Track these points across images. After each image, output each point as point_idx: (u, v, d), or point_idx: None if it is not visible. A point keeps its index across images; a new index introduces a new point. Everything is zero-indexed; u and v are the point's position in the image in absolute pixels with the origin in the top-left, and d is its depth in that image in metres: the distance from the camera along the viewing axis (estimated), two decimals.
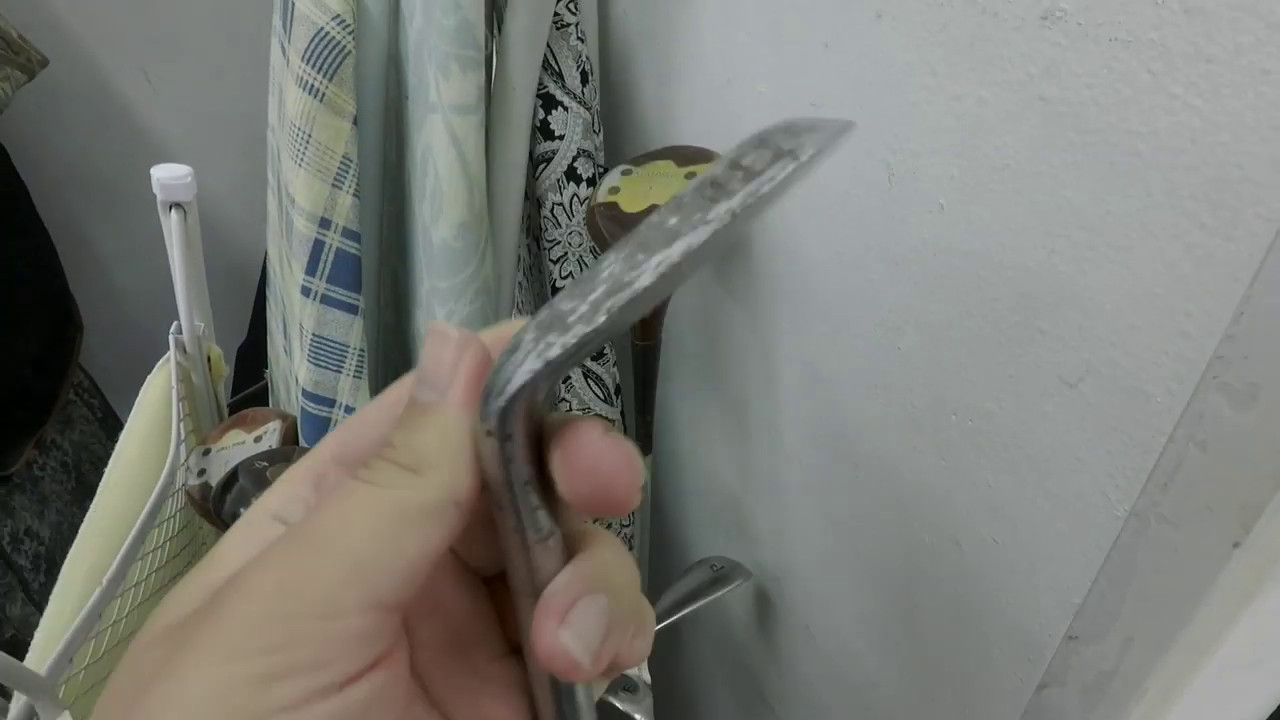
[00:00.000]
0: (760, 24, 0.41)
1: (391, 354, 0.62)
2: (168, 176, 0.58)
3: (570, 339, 0.12)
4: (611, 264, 0.12)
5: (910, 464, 0.37)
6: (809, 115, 0.14)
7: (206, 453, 0.55)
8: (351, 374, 0.52)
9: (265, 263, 1.06)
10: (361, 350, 0.52)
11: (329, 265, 0.50)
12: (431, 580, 0.14)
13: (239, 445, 0.54)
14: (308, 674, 0.12)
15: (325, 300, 0.50)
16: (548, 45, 0.50)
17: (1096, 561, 0.28)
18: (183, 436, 0.55)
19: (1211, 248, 0.22)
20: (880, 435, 0.39)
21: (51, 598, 0.44)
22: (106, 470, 0.53)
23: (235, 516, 0.47)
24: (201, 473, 0.53)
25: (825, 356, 0.42)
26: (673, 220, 0.12)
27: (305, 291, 0.50)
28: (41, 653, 0.40)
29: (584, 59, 0.51)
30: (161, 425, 0.54)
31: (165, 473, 0.50)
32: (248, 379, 1.10)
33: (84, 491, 1.17)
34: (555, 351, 0.12)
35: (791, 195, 0.13)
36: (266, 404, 0.79)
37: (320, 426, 0.52)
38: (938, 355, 0.34)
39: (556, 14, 0.49)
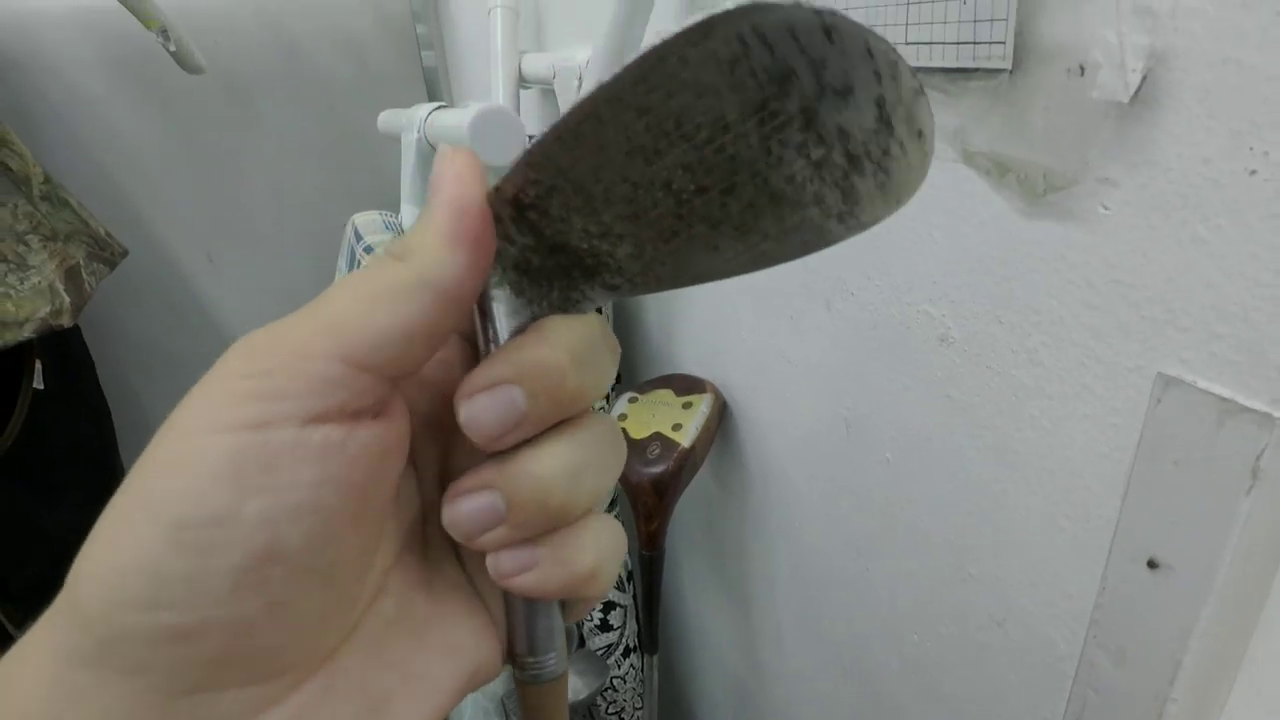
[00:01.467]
0: (739, 287, 0.50)
1: None
2: None
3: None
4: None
5: (884, 675, 0.42)
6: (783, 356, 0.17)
7: None
8: None
9: None
10: None
11: None
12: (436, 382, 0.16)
13: None
14: (277, 400, 0.13)
15: None
16: None
17: None
18: None
19: (1075, 533, 0.29)
20: (864, 642, 0.44)
21: None
22: None
23: None
24: None
25: (810, 564, 0.48)
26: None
27: None
28: None
29: None
30: None
31: None
32: None
33: None
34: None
35: (779, 428, 0.16)
36: None
37: None
38: (897, 581, 0.40)
39: None
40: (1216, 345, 0.22)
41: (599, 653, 0.62)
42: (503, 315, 0.15)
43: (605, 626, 0.61)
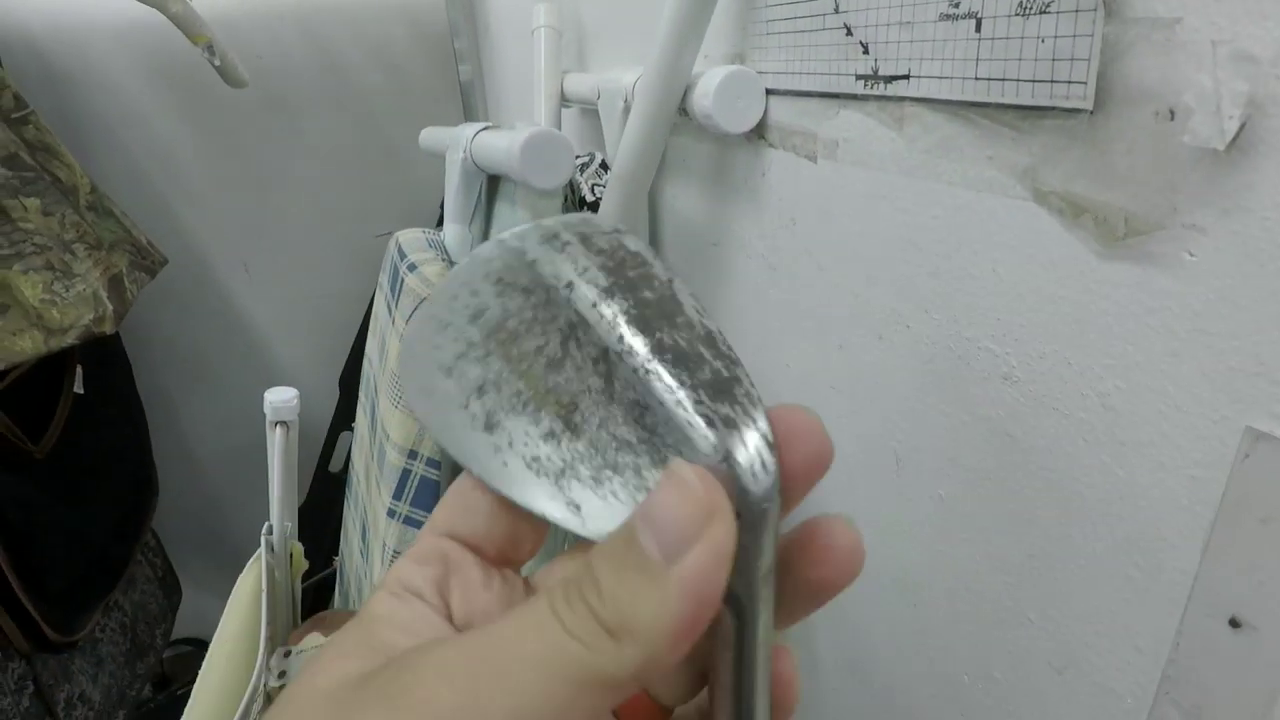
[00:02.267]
0: (786, 315, 0.49)
1: None
2: (278, 400, 0.67)
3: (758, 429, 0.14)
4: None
5: (933, 713, 0.41)
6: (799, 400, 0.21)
7: (288, 654, 0.60)
8: None
9: (335, 445, 1.15)
10: None
11: (413, 491, 0.57)
12: None
13: (317, 648, 0.59)
14: None
15: (407, 521, 0.57)
16: None
17: None
18: (266, 637, 0.60)
19: (1145, 585, 0.28)
20: (910, 683, 0.43)
21: None
22: (199, 677, 0.58)
23: None
24: (282, 674, 0.58)
25: (852, 600, 0.47)
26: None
27: (391, 514, 0.57)
28: None
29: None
30: (250, 627, 0.60)
31: (254, 679, 0.56)
32: (304, 539, 1.16)
33: (137, 653, 1.21)
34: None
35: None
36: (334, 589, 0.84)
37: None
38: (947, 620, 0.39)
39: None
40: None
41: None
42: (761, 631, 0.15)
43: None
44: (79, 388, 1.11)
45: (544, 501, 0.15)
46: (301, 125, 1.27)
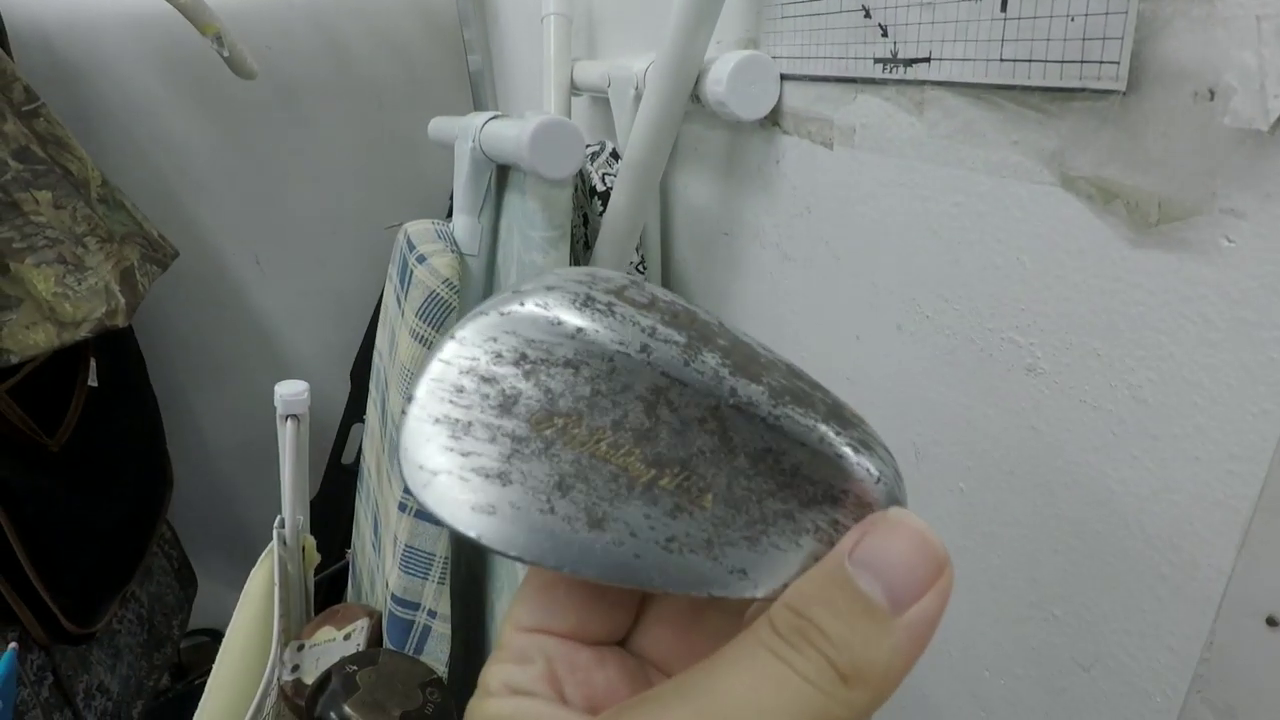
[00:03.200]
0: (802, 305, 0.49)
1: (471, 557, 0.68)
2: (289, 393, 0.67)
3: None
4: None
5: (952, 711, 0.41)
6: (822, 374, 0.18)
7: (300, 648, 0.60)
8: (436, 580, 0.57)
9: (347, 437, 1.15)
10: (446, 558, 0.58)
11: None
12: None
13: (330, 642, 0.60)
14: None
15: (418, 514, 0.57)
16: None
17: None
18: (280, 630, 0.60)
19: (1178, 583, 0.27)
20: (928, 678, 0.43)
21: None
22: (213, 671, 0.58)
23: (325, 719, 0.51)
24: (295, 668, 0.58)
25: None
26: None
27: (402, 507, 0.57)
28: None
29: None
30: (263, 620, 0.60)
31: (267, 671, 0.56)
32: (317, 531, 1.17)
33: (154, 644, 1.22)
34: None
35: None
36: (347, 581, 0.85)
37: (405, 629, 0.57)
38: (967, 616, 0.38)
39: (631, 263, 0.59)
40: None
41: None
42: None
43: None
44: (93, 380, 1.12)
45: (700, 579, 0.14)
46: (311, 116, 1.27)
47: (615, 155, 0.61)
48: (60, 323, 1.02)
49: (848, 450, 0.14)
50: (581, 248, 0.63)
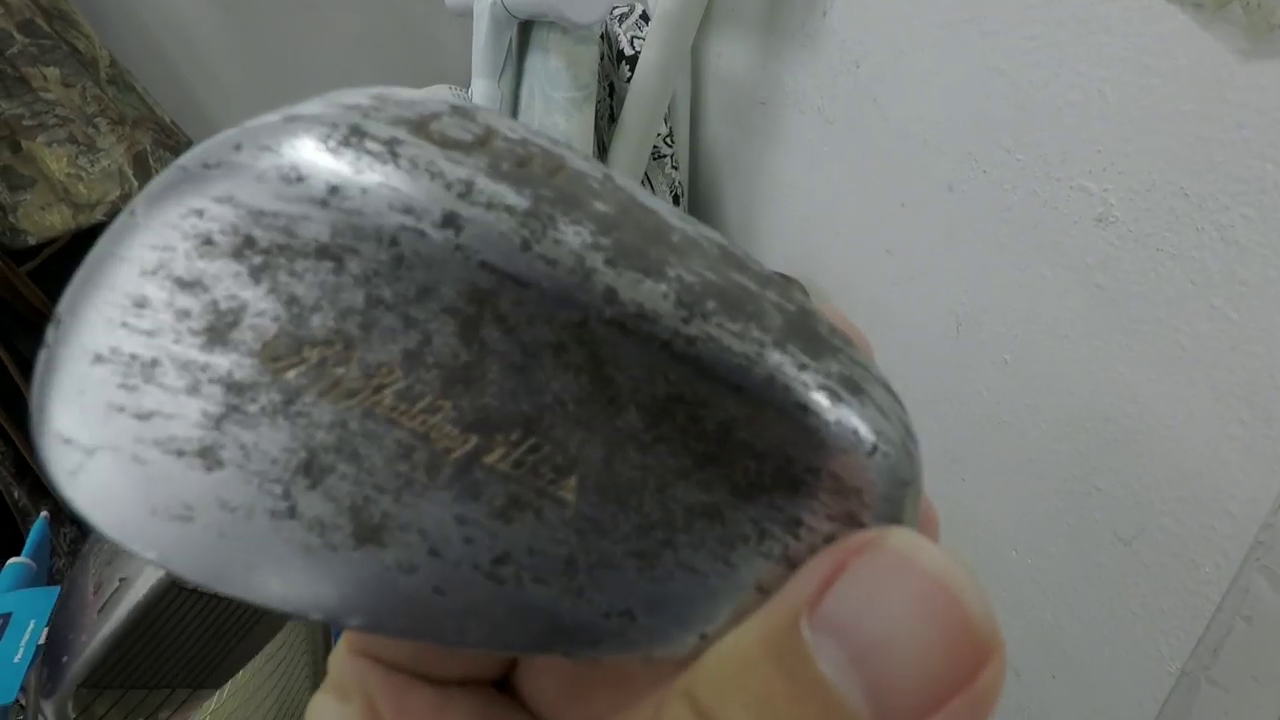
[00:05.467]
0: (843, 174, 0.45)
1: None
2: None
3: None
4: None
5: None
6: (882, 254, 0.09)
7: None
8: None
9: None
10: None
11: None
12: None
13: None
14: None
15: None
16: (645, 175, 0.56)
17: (1150, 712, 0.30)
18: None
19: (1250, 441, 0.25)
20: None
21: None
22: None
23: None
24: None
25: None
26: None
27: None
28: None
29: (676, 184, 0.57)
30: None
31: None
32: None
33: None
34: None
35: (873, 330, 0.09)
36: None
37: None
38: (999, 493, 0.37)
39: (655, 147, 0.55)
40: None
41: None
42: None
43: None
44: None
45: (551, 629, 0.08)
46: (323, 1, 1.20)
47: (645, 18, 0.57)
48: (75, 205, 1.00)
49: (817, 396, 0.08)
50: (606, 121, 0.60)
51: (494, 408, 0.08)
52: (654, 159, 0.56)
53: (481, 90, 0.57)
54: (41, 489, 0.99)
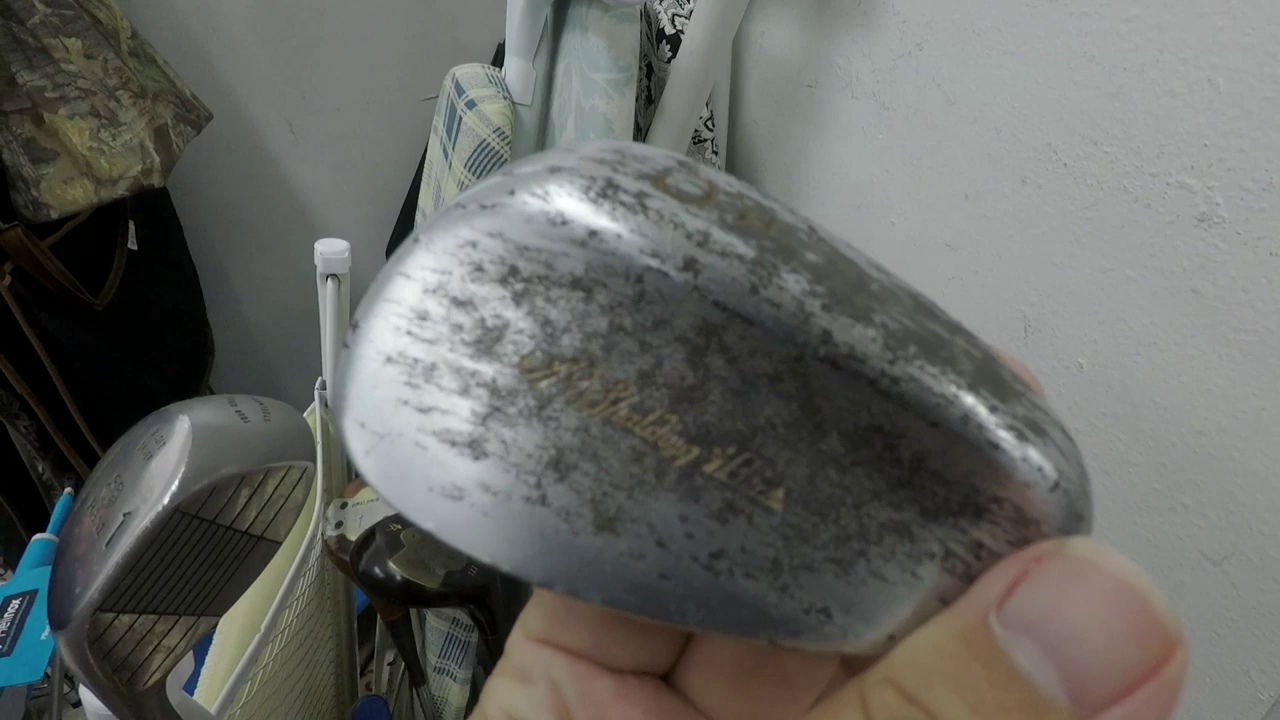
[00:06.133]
0: (898, 162, 0.43)
1: None
2: (329, 251, 0.64)
3: None
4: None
5: None
6: (937, 253, 0.09)
7: (344, 506, 0.60)
8: None
9: None
10: None
11: None
12: None
13: (373, 502, 0.59)
14: None
15: None
16: None
17: None
18: (323, 488, 0.60)
19: None
20: None
21: (212, 643, 0.49)
22: None
23: (369, 574, 0.51)
24: (339, 524, 0.58)
25: None
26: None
27: None
28: (208, 692, 0.44)
29: (716, 169, 0.55)
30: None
31: (312, 526, 0.55)
32: None
33: None
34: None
35: None
36: None
37: None
38: None
39: (695, 130, 0.53)
40: None
41: None
42: None
43: None
44: (133, 244, 1.11)
45: (758, 618, 0.09)
46: None
47: None
48: (97, 179, 0.99)
49: (1006, 435, 0.09)
50: (644, 103, 0.58)
51: (714, 425, 0.09)
52: (694, 143, 0.54)
53: (515, 69, 0.55)
54: (65, 464, 0.99)
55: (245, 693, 0.46)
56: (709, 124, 0.54)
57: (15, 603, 0.48)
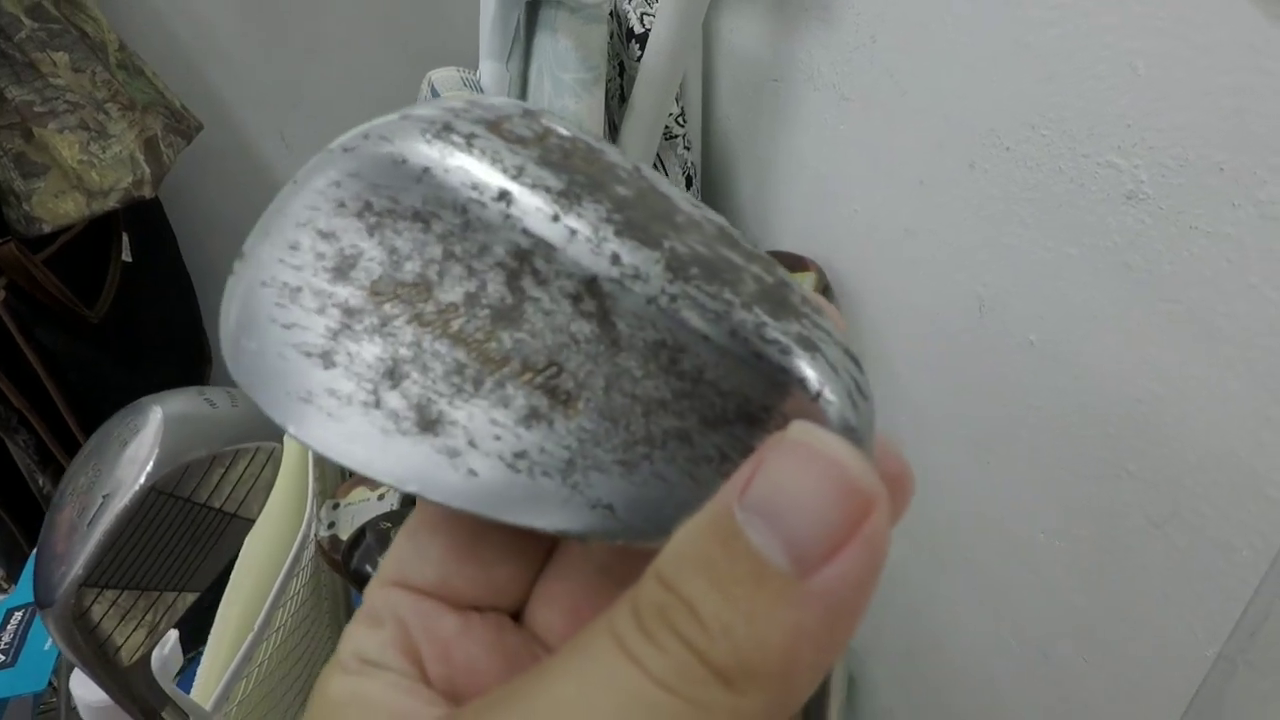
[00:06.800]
0: (859, 152, 0.44)
1: None
2: None
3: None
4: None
5: (1002, 574, 0.39)
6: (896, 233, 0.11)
7: (335, 506, 0.61)
8: None
9: None
10: None
11: None
12: None
13: (364, 502, 0.60)
14: None
15: None
16: (657, 155, 0.55)
17: (1184, 696, 0.30)
18: (315, 491, 0.61)
19: None
20: (971, 543, 0.41)
21: (208, 641, 0.50)
22: (251, 530, 0.59)
23: (361, 572, 0.52)
24: (331, 525, 0.59)
25: (917, 460, 0.44)
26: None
27: None
28: (204, 690, 0.46)
29: (689, 165, 0.56)
30: (299, 478, 0.61)
31: (304, 525, 0.57)
32: None
33: None
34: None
35: (893, 311, 0.10)
36: None
37: None
38: (1026, 477, 0.36)
39: (666, 127, 0.55)
40: None
41: None
42: None
43: None
44: (127, 255, 1.12)
45: (555, 512, 0.11)
46: None
47: None
48: (88, 192, 1.00)
49: (775, 349, 0.10)
50: (617, 102, 0.59)
51: (526, 341, 0.11)
52: (666, 139, 0.55)
53: (489, 72, 0.56)
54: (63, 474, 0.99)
55: (241, 690, 0.47)
56: (680, 120, 0.55)
57: (18, 615, 0.49)
